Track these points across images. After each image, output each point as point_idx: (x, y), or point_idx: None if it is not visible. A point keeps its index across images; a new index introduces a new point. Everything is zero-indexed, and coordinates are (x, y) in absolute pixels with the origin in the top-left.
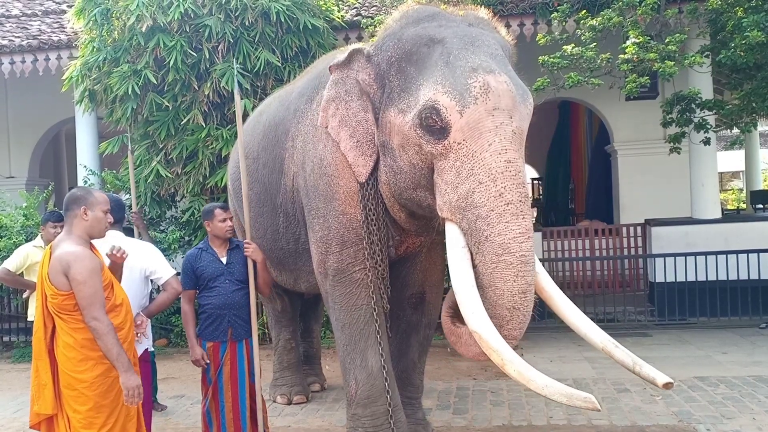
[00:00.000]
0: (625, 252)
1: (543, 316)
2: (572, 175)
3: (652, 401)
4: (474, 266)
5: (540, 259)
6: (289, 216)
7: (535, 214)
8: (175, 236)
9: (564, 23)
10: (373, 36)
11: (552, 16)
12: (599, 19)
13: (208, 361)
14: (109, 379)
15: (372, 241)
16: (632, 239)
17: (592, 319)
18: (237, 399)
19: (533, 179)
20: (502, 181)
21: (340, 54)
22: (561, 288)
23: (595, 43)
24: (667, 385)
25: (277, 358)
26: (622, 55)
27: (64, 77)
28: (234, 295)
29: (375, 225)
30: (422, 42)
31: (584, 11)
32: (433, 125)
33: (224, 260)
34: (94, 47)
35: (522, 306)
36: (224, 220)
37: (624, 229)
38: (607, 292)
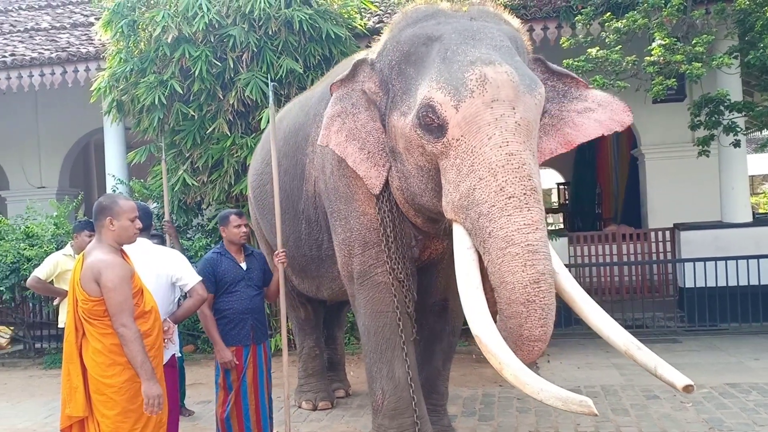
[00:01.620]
0: (654, 257)
1: (570, 322)
2: (599, 179)
3: (682, 408)
4: (484, 269)
5: (566, 265)
6: (311, 222)
7: (561, 219)
8: (201, 244)
9: (588, 26)
10: None
11: (576, 19)
12: (624, 21)
13: (237, 362)
14: (137, 384)
15: (390, 246)
16: (661, 244)
17: (620, 325)
18: (259, 401)
19: (559, 184)
20: (503, 174)
21: (344, 68)
22: (588, 294)
23: (620, 46)
24: (688, 388)
25: (302, 365)
26: (648, 58)
27: (92, 88)
28: (254, 300)
29: (392, 229)
30: (420, 41)
31: (609, 13)
32: (431, 123)
33: (244, 266)
34: (121, 58)
35: (537, 298)
36: (239, 226)
37: (652, 234)
38: (636, 297)
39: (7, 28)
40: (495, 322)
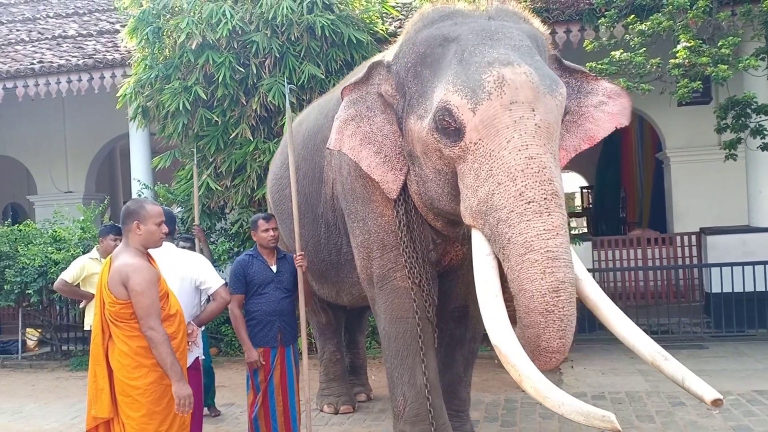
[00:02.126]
0: (680, 262)
1: (594, 328)
2: (623, 183)
3: (708, 415)
4: (504, 276)
5: (590, 269)
6: (330, 226)
7: (585, 224)
8: (224, 247)
9: (612, 29)
10: None
11: (599, 21)
12: (648, 23)
13: (263, 362)
14: (162, 386)
15: (408, 250)
16: (687, 248)
17: (645, 331)
18: (287, 402)
19: (583, 188)
20: (523, 179)
21: (360, 71)
22: (612, 299)
23: (644, 48)
24: (716, 402)
25: (323, 369)
26: (672, 60)
27: (118, 95)
28: (282, 302)
29: (410, 233)
30: (436, 42)
31: (633, 16)
32: (448, 127)
33: (274, 269)
34: (146, 65)
35: (556, 308)
36: (267, 230)
37: (678, 238)
38: (661, 303)
39: (35, 36)
40: (515, 329)
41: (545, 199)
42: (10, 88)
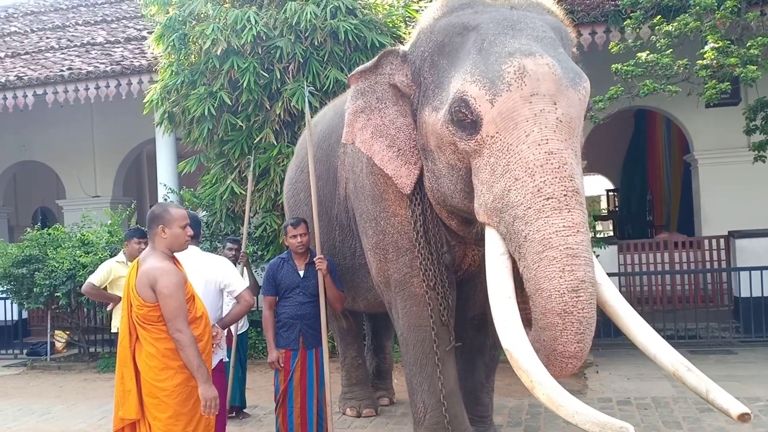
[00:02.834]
0: (708, 265)
1: (619, 332)
2: (650, 185)
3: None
4: (520, 276)
5: (616, 273)
6: (344, 229)
7: (610, 227)
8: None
9: (638, 30)
10: None
11: (625, 23)
12: (675, 24)
13: (282, 364)
14: (188, 388)
15: (423, 252)
16: (715, 252)
17: (673, 336)
18: (305, 405)
19: (608, 191)
20: (542, 175)
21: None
22: (639, 304)
23: (671, 50)
24: (743, 417)
25: (345, 374)
26: (700, 61)
27: (145, 100)
28: (305, 307)
29: (425, 234)
30: (455, 31)
31: (659, 17)
32: (464, 119)
33: (301, 273)
34: (172, 71)
35: (575, 309)
36: (294, 236)
37: (706, 242)
38: (689, 307)
39: (64, 43)
40: (528, 332)
41: (565, 195)
42: (40, 94)
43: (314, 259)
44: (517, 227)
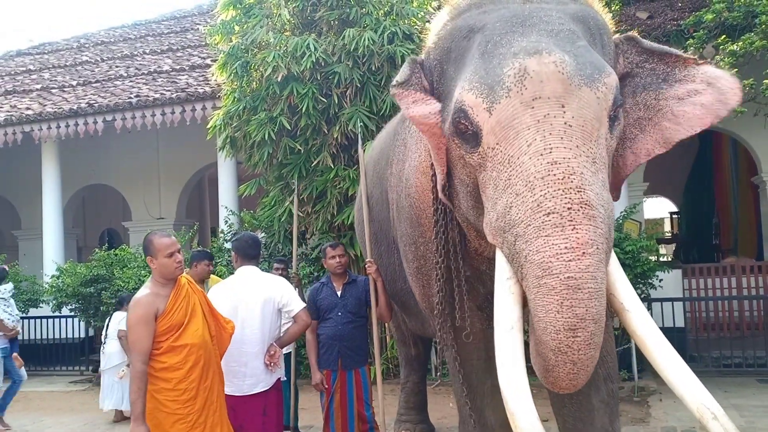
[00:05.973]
0: None
1: (684, 358)
2: (716, 208)
3: None
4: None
5: (681, 299)
6: (400, 253)
7: (673, 249)
8: (304, 272)
9: (701, 50)
10: None
11: (687, 43)
12: (740, 43)
13: (326, 386)
14: (162, 414)
15: (441, 274)
16: None
17: (741, 364)
18: (346, 424)
19: (672, 213)
20: (542, 188)
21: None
22: (704, 330)
23: (735, 69)
24: None
25: (404, 397)
26: (766, 81)
27: (208, 126)
28: (344, 328)
29: (444, 255)
30: (461, 35)
31: (723, 36)
32: (465, 131)
33: (339, 293)
34: (234, 97)
35: (570, 350)
36: (333, 257)
37: None
38: (758, 334)
39: (132, 72)
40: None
41: (569, 209)
42: (109, 120)
43: (365, 262)
44: (519, 247)
